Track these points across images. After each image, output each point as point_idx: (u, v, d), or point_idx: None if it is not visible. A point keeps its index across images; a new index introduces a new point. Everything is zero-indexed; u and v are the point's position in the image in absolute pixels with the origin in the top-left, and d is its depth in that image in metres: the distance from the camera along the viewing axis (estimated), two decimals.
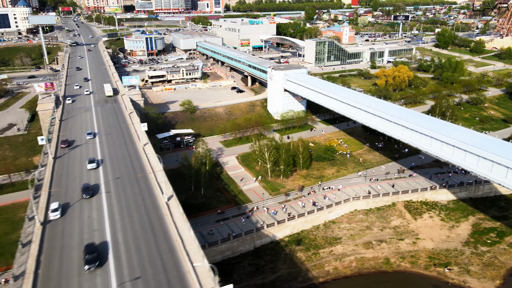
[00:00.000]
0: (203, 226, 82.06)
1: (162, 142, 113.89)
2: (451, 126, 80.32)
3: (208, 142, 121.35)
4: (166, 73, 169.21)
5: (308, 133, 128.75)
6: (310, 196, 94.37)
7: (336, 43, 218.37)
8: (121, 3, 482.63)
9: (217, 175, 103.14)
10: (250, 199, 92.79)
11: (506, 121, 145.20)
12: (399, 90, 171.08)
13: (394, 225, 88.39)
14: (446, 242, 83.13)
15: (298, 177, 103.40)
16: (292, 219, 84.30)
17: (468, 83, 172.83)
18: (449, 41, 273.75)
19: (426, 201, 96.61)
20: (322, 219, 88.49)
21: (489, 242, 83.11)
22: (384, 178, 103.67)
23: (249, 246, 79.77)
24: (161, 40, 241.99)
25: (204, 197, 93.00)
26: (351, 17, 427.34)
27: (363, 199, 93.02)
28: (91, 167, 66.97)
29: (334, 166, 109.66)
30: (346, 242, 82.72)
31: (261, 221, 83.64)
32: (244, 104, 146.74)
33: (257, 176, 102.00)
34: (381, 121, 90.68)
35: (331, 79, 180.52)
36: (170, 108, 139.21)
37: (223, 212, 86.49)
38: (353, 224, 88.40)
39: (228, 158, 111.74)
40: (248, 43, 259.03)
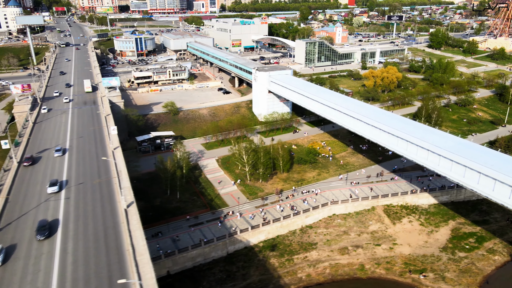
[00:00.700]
0: (176, 231, 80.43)
1: (141, 145, 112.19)
2: (428, 129, 78.74)
3: (190, 145, 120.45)
4: (153, 74, 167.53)
5: (292, 135, 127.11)
6: (288, 200, 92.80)
7: (326, 43, 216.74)
8: (115, 3, 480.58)
9: (195, 178, 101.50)
10: (226, 203, 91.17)
11: (494, 122, 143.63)
12: (388, 91, 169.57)
13: (372, 230, 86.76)
14: (423, 248, 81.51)
15: (278, 181, 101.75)
16: (267, 224, 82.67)
17: (457, 84, 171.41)
18: (442, 42, 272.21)
19: (407, 205, 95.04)
20: (298, 224, 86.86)
21: (468, 248, 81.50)
22: (365, 181, 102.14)
23: (221, 252, 78.12)
24: (151, 40, 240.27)
25: (180, 201, 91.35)
26: (346, 17, 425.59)
27: (341, 203, 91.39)
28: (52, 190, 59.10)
29: (315, 169, 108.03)
30: (321, 248, 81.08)
31: (235, 226, 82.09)
32: (229, 106, 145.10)
33: (236, 180, 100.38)
34: (360, 124, 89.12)
35: (320, 79, 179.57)
36: (153, 110, 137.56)
37: (196, 217, 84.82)
38: (330, 229, 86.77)
39: (208, 161, 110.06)
40: (239, 44, 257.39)
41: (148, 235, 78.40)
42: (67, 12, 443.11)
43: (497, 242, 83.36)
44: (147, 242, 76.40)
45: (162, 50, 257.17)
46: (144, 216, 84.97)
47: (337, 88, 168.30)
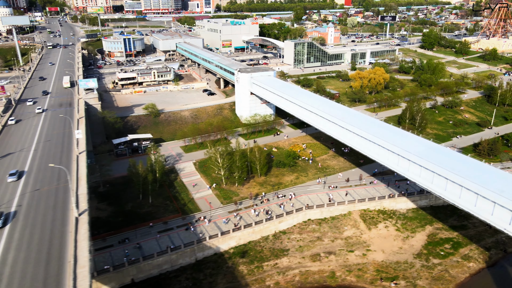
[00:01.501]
0: (144, 237, 78.54)
1: (117, 148, 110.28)
2: (401, 133, 76.85)
3: (169, 147, 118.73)
4: (137, 75, 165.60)
5: (274, 138, 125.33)
6: (263, 205, 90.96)
7: (315, 44, 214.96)
8: (110, 3, 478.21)
9: (170, 182, 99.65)
10: (199, 208, 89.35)
11: (480, 124, 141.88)
12: (376, 93, 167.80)
13: (347, 235, 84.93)
14: (397, 254, 79.69)
15: (255, 185, 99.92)
16: (237, 230, 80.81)
17: (445, 86, 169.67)
18: (435, 42, 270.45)
19: (384, 209, 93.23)
20: (272, 230, 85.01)
21: (442, 254, 79.69)
22: (344, 185, 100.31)
23: (189, 259, 76.24)
24: (141, 41, 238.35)
25: (152, 205, 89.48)
26: (341, 18, 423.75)
27: (316, 208, 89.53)
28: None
29: (294, 172, 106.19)
30: (293, 254, 79.23)
31: (205, 232, 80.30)
32: (211, 108, 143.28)
33: (212, 184, 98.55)
34: (334, 127, 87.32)
35: (307, 81, 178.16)
36: (134, 112, 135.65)
37: (166, 222, 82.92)
38: (304, 235, 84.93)
39: (185, 164, 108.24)
40: (230, 44, 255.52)
41: (115, 242, 77.24)
42: (61, 12, 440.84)
43: (473, 248, 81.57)
44: (113, 249, 75.51)
45: (152, 50, 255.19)
46: (113, 221, 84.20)
47: (323, 89, 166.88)
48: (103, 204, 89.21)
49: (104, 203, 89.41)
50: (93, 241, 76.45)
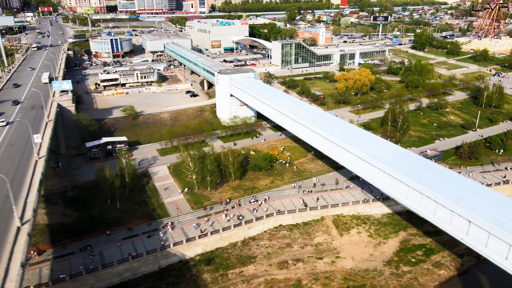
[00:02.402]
0: (107, 244, 76.51)
1: (91, 151, 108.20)
2: (370, 138, 74.78)
3: (145, 150, 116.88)
4: (119, 76, 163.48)
5: (253, 140, 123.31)
6: (234, 210, 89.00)
7: (303, 44, 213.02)
8: (103, 3, 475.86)
9: (142, 186, 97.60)
10: (168, 214, 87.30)
11: (464, 127, 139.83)
12: (362, 94, 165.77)
13: (317, 242, 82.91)
14: (367, 261, 77.69)
15: (228, 189, 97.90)
16: (204, 237, 78.79)
17: (431, 87, 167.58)
18: (426, 43, 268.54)
19: (359, 215, 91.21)
20: (241, 236, 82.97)
21: (413, 261, 77.71)
22: (319, 189, 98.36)
23: (153, 267, 74.17)
24: (128, 41, 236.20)
25: (120, 211, 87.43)
26: (335, 18, 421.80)
27: (288, 213, 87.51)
28: None
29: (270, 176, 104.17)
30: (260, 262, 77.19)
31: (171, 238, 78.32)
32: (192, 109, 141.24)
33: (184, 188, 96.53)
34: (305, 130, 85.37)
35: (292, 82, 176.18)
36: (113, 114, 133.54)
37: (130, 228, 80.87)
38: (273, 241, 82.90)
39: (160, 168, 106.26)
40: (219, 45, 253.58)
41: (76, 249, 75.18)
42: (53, 12, 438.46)
43: (445, 255, 79.61)
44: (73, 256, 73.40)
45: (141, 51, 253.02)
46: (78, 227, 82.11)
47: (308, 90, 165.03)
48: (70, 209, 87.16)
49: (71, 209, 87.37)
50: (54, 248, 74.98)
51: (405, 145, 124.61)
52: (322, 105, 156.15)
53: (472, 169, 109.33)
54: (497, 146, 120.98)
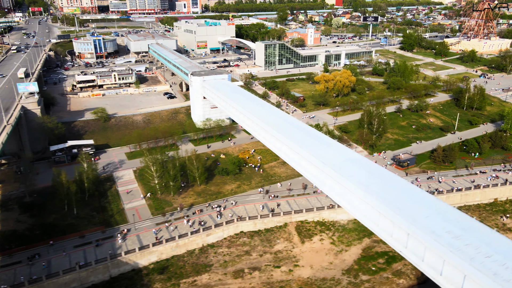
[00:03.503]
0: (58, 253, 74.16)
1: (55, 155, 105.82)
2: (327, 142, 72.29)
3: (113, 154, 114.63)
4: (96, 77, 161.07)
5: (224, 144, 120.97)
6: (195, 216, 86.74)
7: (287, 45, 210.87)
8: (95, 3, 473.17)
9: (104, 191, 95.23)
10: (127, 220, 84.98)
11: (443, 129, 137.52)
12: (343, 95, 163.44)
13: (277, 249, 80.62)
14: (326, 270, 75.43)
15: (192, 194, 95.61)
16: (159, 244, 76.48)
17: (413, 89, 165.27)
18: (414, 44, 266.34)
19: (323, 221, 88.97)
20: (199, 243, 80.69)
21: (374, 270, 75.48)
22: (286, 194, 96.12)
23: (103, 276, 71.84)
24: (112, 42, 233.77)
25: (76, 217, 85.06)
26: (327, 18, 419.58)
27: (249, 219, 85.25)
28: None
29: (237, 180, 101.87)
30: (215, 270, 74.89)
31: (125, 246, 76.08)
32: (166, 112, 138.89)
33: (147, 193, 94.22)
34: (265, 134, 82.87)
35: (274, 83, 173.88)
36: (84, 116, 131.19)
37: (83, 236, 78.53)
38: (232, 249, 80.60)
39: (125, 172, 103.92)
40: (205, 45, 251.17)
41: (24, 257, 72.81)
42: (44, 12, 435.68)
43: (407, 263, 77.29)
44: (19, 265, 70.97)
45: (126, 52, 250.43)
46: (30, 235, 79.74)
47: (288, 92, 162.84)
48: (25, 215, 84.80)
49: (26, 215, 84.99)
50: (1, 257, 72.54)
51: (381, 148, 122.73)
52: (301, 106, 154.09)
53: (445, 173, 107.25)
54: (473, 150, 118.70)
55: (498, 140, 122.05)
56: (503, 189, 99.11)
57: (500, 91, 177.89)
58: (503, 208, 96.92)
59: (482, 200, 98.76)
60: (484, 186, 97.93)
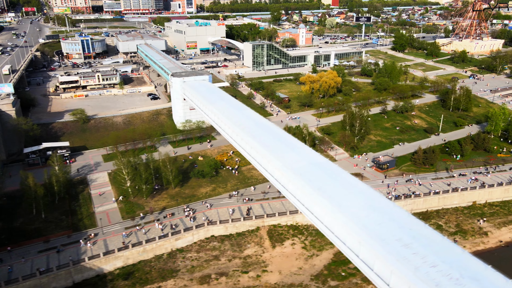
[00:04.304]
0: (19, 258, 72.58)
1: (29, 157, 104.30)
2: (293, 145, 70.72)
3: (90, 156, 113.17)
4: (79, 78, 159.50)
5: (202, 146, 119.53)
6: (166, 220, 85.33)
7: (276, 46, 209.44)
8: (89, 3, 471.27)
9: (76, 194, 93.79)
10: (95, 224, 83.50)
11: (427, 131, 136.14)
12: (329, 96, 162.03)
13: (247, 254, 79.20)
14: (294, 275, 74.01)
15: (165, 197, 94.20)
16: (124, 249, 75.04)
17: (400, 90, 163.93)
18: (406, 44, 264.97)
19: (297, 225, 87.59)
20: (167, 248, 79.28)
21: (343, 275, 74.05)
22: (261, 197, 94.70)
23: (65, 282, 70.38)
24: (101, 42, 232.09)
25: (44, 221, 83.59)
26: (321, 18, 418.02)
27: (220, 223, 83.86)
28: None
29: (213, 183, 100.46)
30: (181, 276, 73.44)
31: (90, 251, 74.65)
32: (148, 113, 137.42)
33: (119, 196, 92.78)
34: (236, 137, 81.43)
35: (259, 84, 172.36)
36: (64, 118, 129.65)
37: (47, 241, 77.04)
38: (201, 254, 79.17)
39: (100, 175, 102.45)
40: (195, 46, 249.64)
41: None
42: (38, 12, 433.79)
43: None
44: None
45: (116, 52, 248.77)
46: None
47: (273, 93, 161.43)
48: None
49: None
50: None
51: (363, 150, 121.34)
52: (286, 108, 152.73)
53: (424, 176, 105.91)
54: (455, 152, 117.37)
55: (481, 142, 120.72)
56: (481, 192, 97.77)
57: (488, 92, 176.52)
58: (481, 212, 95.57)
59: (460, 203, 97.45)
60: (462, 189, 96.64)
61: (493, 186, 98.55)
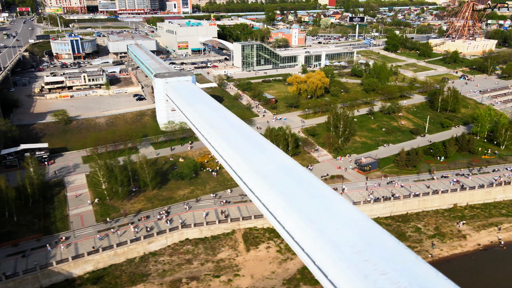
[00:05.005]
0: None
1: (6, 159, 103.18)
2: (265, 148, 69.54)
3: (70, 157, 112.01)
4: (65, 79, 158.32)
5: (184, 147, 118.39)
6: (141, 222, 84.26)
7: (266, 46, 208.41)
8: (84, 3, 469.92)
9: (51, 196, 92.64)
10: (68, 227, 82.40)
11: (413, 132, 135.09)
12: (317, 97, 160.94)
13: (220, 258, 78.13)
14: (266, 280, 72.95)
15: (142, 199, 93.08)
16: (95, 253, 73.93)
17: (388, 91, 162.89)
18: (398, 44, 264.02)
19: (273, 228, 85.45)
20: (140, 251, 78.23)
21: (316, 280, 72.58)
22: (239, 200, 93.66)
23: (32, 287, 69.22)
24: (91, 42, 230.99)
25: (16, 224, 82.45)
26: (316, 19, 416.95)
27: (195, 226, 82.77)
28: None
29: (192, 185, 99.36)
30: (152, 280, 72.35)
31: (59, 254, 73.58)
32: (132, 114, 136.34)
33: (95, 198, 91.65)
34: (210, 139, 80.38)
35: (247, 85, 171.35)
36: (46, 119, 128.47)
37: (16, 244, 75.91)
38: (174, 257, 78.10)
39: (77, 176, 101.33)
40: (186, 46, 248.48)
41: None
42: (32, 12, 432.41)
43: None
44: None
45: (107, 52, 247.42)
46: None
47: (260, 94, 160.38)
48: None
49: None
50: None
51: (347, 151, 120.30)
52: (273, 108, 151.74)
53: (406, 178, 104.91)
54: (438, 153, 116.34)
55: (465, 144, 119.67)
56: (462, 194, 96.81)
57: (478, 93, 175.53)
58: (462, 214, 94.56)
59: (441, 206, 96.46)
60: (442, 191, 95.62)
61: (475, 189, 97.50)
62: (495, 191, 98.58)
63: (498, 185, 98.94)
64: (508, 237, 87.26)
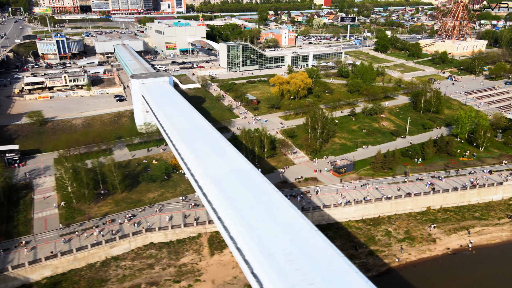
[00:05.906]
0: None
1: None
2: (223, 149, 68.45)
3: (41, 160, 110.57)
4: (45, 79, 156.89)
5: (160, 149, 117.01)
6: (106, 226, 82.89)
7: (252, 46, 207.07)
8: (77, 3, 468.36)
9: (17, 199, 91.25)
10: (31, 231, 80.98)
11: (394, 134, 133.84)
12: (300, 98, 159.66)
13: (183, 262, 76.79)
14: (227, 285, 71.63)
15: (110, 202, 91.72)
16: (53, 258, 72.52)
17: (371, 92, 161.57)
18: (387, 45, 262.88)
19: None
20: (101, 256, 76.78)
21: None
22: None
23: None
24: (77, 42, 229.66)
25: None
26: (309, 19, 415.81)
27: (159, 230, 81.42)
28: None
29: (162, 188, 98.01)
30: (110, 286, 70.96)
31: (17, 259, 72.18)
32: (109, 115, 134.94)
33: (62, 201, 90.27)
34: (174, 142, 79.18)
35: (230, 85, 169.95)
36: (21, 120, 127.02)
37: None
38: (136, 262, 76.72)
39: (47, 179, 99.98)
40: (174, 46, 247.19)
41: None
42: (24, 12, 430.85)
43: None
44: None
45: (94, 52, 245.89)
46: None
47: (243, 94, 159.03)
48: None
49: None
50: None
51: (324, 153, 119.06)
52: (254, 110, 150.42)
53: (381, 180, 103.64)
54: (416, 155, 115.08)
55: (444, 146, 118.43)
56: (436, 197, 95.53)
57: (463, 93, 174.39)
58: (434, 217, 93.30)
59: (414, 209, 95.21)
60: (415, 194, 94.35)
61: (448, 191, 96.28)
62: (469, 194, 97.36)
63: (472, 187, 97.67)
64: (479, 240, 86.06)
